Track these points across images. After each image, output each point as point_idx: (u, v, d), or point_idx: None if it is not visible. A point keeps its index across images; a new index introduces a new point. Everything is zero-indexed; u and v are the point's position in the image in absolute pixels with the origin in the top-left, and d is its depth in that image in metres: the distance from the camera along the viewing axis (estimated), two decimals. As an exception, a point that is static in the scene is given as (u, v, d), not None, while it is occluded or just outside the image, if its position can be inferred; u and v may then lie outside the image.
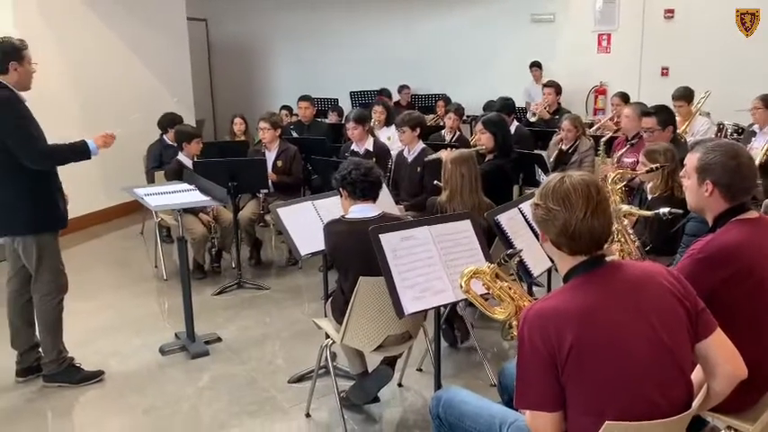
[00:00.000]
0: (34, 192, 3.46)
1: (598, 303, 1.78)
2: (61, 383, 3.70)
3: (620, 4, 8.99)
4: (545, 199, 1.84)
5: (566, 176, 1.85)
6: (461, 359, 4.02)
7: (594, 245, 1.84)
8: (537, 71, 8.98)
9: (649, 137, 4.56)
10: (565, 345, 1.72)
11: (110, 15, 7.54)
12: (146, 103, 7.44)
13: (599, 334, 1.74)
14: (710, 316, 1.90)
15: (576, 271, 1.86)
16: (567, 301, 1.80)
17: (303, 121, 7.18)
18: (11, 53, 3.46)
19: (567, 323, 1.74)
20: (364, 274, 2.91)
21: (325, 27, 10.65)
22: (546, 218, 1.84)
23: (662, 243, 3.60)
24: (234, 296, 5.17)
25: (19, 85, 3.48)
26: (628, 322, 1.77)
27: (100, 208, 7.29)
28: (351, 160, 3.23)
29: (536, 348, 1.75)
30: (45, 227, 3.54)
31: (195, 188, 4.15)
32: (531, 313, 1.80)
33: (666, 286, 1.85)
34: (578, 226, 1.79)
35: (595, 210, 1.80)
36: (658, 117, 4.56)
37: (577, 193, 1.80)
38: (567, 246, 1.84)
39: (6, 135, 3.36)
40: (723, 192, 2.28)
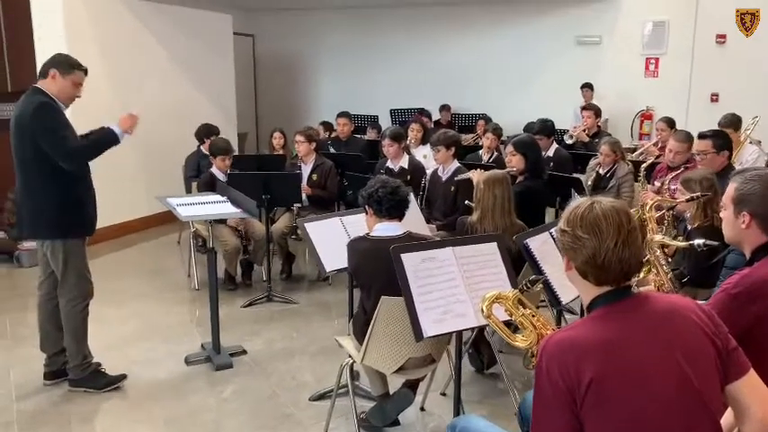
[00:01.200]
0: (63, 198, 3.52)
1: (622, 336, 1.69)
2: (87, 389, 3.74)
3: (669, 28, 8.82)
4: (573, 226, 1.75)
5: (595, 202, 1.76)
6: (487, 385, 3.92)
7: (623, 276, 1.74)
8: (588, 92, 8.85)
9: (702, 160, 4.35)
10: (584, 379, 1.62)
11: (159, 30, 7.74)
12: (188, 115, 7.58)
13: (621, 369, 1.64)
14: (743, 356, 1.78)
15: (601, 301, 1.77)
16: (589, 333, 1.70)
17: (341, 137, 7.20)
18: (58, 62, 3.56)
19: (588, 356, 1.64)
20: (387, 293, 2.85)
21: (368, 45, 10.74)
22: (573, 246, 1.75)
23: (701, 275, 3.45)
24: (262, 309, 5.17)
25: (57, 96, 3.55)
26: (652, 358, 1.67)
27: (139, 216, 7.43)
28: (378, 178, 3.19)
29: (554, 381, 1.66)
30: (72, 233, 3.59)
31: (227, 200, 4.17)
32: (550, 343, 1.71)
33: (696, 322, 1.74)
34: (608, 256, 1.69)
35: (626, 239, 1.71)
36: (714, 140, 4.33)
37: (608, 220, 1.71)
38: (593, 275, 1.74)
39: (41, 138, 3.43)
40: (761, 224, 2.17)
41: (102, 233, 6.69)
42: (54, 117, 3.48)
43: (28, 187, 3.57)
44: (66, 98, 3.59)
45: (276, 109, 11.40)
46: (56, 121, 3.49)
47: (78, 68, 3.59)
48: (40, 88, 3.54)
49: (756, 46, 8.21)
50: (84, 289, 3.70)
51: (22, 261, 6.09)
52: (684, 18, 8.64)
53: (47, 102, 3.49)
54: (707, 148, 4.28)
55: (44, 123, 3.44)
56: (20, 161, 3.56)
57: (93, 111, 6.71)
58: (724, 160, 4.31)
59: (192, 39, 8.23)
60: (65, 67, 3.55)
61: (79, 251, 3.66)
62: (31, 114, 3.44)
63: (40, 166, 3.49)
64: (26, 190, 3.58)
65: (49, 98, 3.51)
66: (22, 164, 3.55)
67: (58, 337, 3.80)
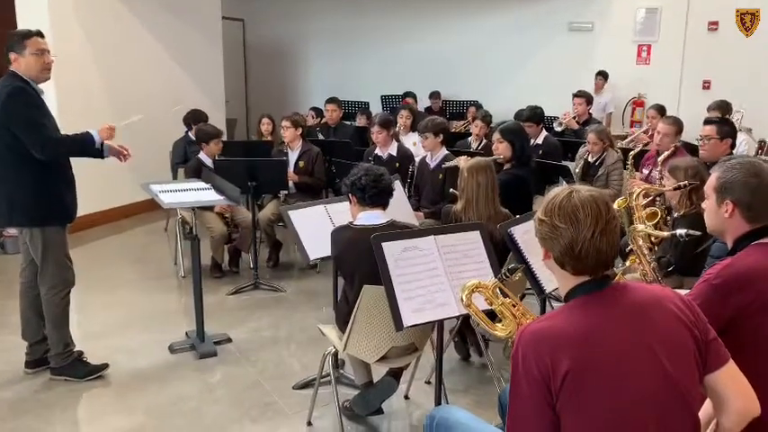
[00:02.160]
0: (40, 185, 3.45)
1: (599, 327, 1.66)
2: (68, 377, 3.71)
3: (661, 15, 8.76)
4: (550, 215, 1.72)
5: (573, 191, 1.73)
6: (472, 374, 3.91)
7: (601, 265, 1.72)
8: (600, 80, 8.75)
9: (704, 145, 4.33)
10: (560, 369, 1.60)
11: (145, 13, 7.63)
12: (178, 100, 7.49)
13: (597, 360, 1.62)
14: (722, 347, 1.76)
15: (578, 291, 1.74)
16: (566, 323, 1.68)
17: (330, 123, 7.14)
18: (11, 44, 3.45)
19: (564, 346, 1.62)
20: (369, 282, 2.82)
21: (359, 31, 10.64)
22: (551, 235, 1.72)
23: (687, 263, 3.43)
24: (249, 297, 5.13)
25: (28, 74, 3.45)
26: (629, 349, 1.64)
27: (126, 202, 7.37)
28: (362, 166, 3.15)
29: (529, 372, 1.64)
30: (50, 220, 3.53)
31: (211, 187, 4.12)
32: (525, 334, 1.69)
33: (674, 312, 1.72)
34: (585, 245, 1.67)
35: (604, 229, 1.68)
36: (720, 127, 4.30)
37: (585, 210, 1.68)
38: (571, 265, 1.72)
39: (14, 124, 3.35)
40: (744, 212, 2.14)
41: (88, 219, 6.65)
42: (27, 103, 3.39)
43: (4, 173, 3.48)
44: (38, 72, 3.47)
45: (266, 94, 11.31)
46: (29, 107, 3.39)
47: (28, 37, 3.45)
48: (14, 72, 3.45)
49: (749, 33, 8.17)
50: (64, 277, 3.65)
51: (7, 247, 6.03)
52: (677, 5, 8.57)
53: (20, 87, 3.39)
54: (711, 133, 4.24)
55: (17, 109, 3.36)
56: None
57: (81, 96, 6.66)
58: (726, 148, 4.28)
59: (180, 23, 8.12)
60: (18, 46, 3.43)
61: (59, 239, 3.59)
62: (4, 100, 3.36)
63: (15, 153, 3.40)
64: (2, 176, 3.50)
65: (24, 81, 3.42)
66: None
67: (40, 325, 3.76)
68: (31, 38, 3.46)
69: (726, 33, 8.34)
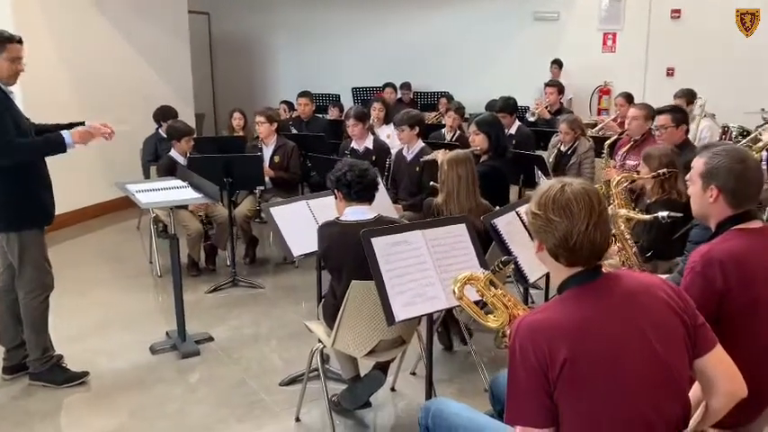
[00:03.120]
0: (15, 187, 3.37)
1: (593, 316, 1.71)
2: (45, 383, 3.64)
3: (625, 3, 8.91)
4: (545, 209, 1.75)
5: (566, 185, 1.76)
6: (456, 363, 3.95)
7: (594, 257, 1.76)
8: (556, 69, 8.85)
9: (661, 134, 4.46)
10: (558, 359, 1.64)
11: (110, 9, 7.46)
12: (144, 96, 7.37)
13: (593, 348, 1.67)
14: (710, 331, 1.83)
15: (572, 282, 1.78)
16: (561, 314, 1.72)
17: (302, 117, 7.10)
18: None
19: (561, 336, 1.66)
20: (357, 277, 2.83)
21: (328, 22, 10.57)
22: (546, 228, 1.75)
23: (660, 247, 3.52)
24: (228, 294, 5.10)
25: None
26: (623, 336, 1.70)
27: (97, 201, 7.23)
28: (346, 161, 3.15)
29: (528, 362, 1.68)
30: (26, 224, 3.44)
31: (188, 185, 4.07)
32: (522, 325, 1.72)
33: (664, 299, 1.77)
34: (580, 238, 1.71)
35: (598, 221, 1.72)
36: (673, 115, 4.46)
37: (579, 203, 1.72)
38: (565, 257, 1.76)
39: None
40: (728, 198, 2.20)
41: (59, 220, 6.38)
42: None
43: None
44: (7, 77, 3.38)
45: (234, 89, 11.16)
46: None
47: (10, 42, 3.35)
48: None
49: (710, 20, 8.34)
50: (42, 281, 3.57)
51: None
52: (640, -7, 8.73)
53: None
54: (666, 122, 4.40)
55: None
56: None
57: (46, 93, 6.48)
58: (682, 134, 4.43)
59: (145, 18, 7.96)
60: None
61: (36, 242, 3.51)
62: None
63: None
64: None
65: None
66: None
67: (18, 330, 3.68)
68: (12, 43, 3.36)
69: (688, 21, 8.51)
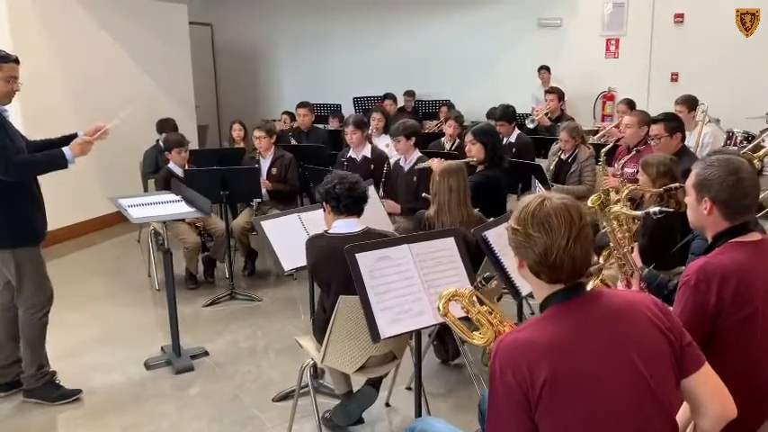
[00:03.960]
0: (8, 206, 3.36)
1: (575, 335, 1.66)
2: (39, 400, 3.62)
3: (628, 9, 8.84)
4: (524, 224, 1.70)
5: (545, 199, 1.72)
6: (452, 377, 3.90)
7: (576, 273, 1.71)
8: (545, 74, 8.78)
9: (656, 144, 4.41)
10: (538, 379, 1.59)
11: (110, 21, 7.49)
12: (146, 108, 7.36)
13: (575, 369, 1.61)
14: (697, 350, 1.77)
15: (553, 299, 1.73)
16: (542, 332, 1.66)
17: (302, 127, 7.08)
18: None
19: (542, 356, 1.61)
20: (346, 292, 2.79)
21: (330, 32, 10.57)
22: (525, 244, 1.70)
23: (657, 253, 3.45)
24: (225, 308, 5.07)
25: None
26: (606, 357, 1.64)
27: (98, 215, 7.22)
28: (336, 173, 3.11)
29: (507, 383, 1.62)
30: (21, 242, 3.44)
31: (181, 198, 4.05)
32: (502, 345, 1.67)
33: (650, 318, 1.72)
34: (560, 254, 1.66)
35: (578, 236, 1.67)
36: (666, 124, 4.40)
37: (559, 218, 1.67)
38: (546, 273, 1.71)
39: None
40: (722, 210, 2.15)
41: (59, 234, 6.51)
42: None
43: None
44: (2, 96, 3.38)
45: (238, 99, 11.18)
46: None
47: (5, 61, 3.35)
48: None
49: (714, 25, 8.27)
50: (42, 297, 3.56)
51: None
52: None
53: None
54: (660, 131, 4.35)
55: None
56: None
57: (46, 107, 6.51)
58: (678, 143, 4.37)
59: (146, 30, 7.99)
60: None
61: (32, 258, 3.50)
62: None
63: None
64: None
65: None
66: None
67: (14, 348, 3.67)
68: (9, 63, 3.36)
69: (691, 25, 8.44)
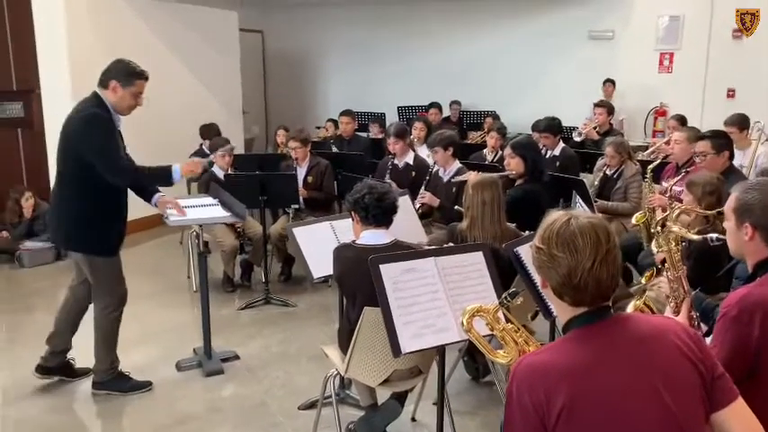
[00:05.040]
0: (99, 215, 3.49)
1: (597, 361, 1.57)
2: (111, 392, 3.72)
3: (684, 22, 8.58)
4: (548, 243, 1.62)
5: (572, 218, 1.64)
6: (481, 394, 3.81)
7: (600, 296, 1.62)
8: (610, 87, 8.62)
9: (701, 161, 4.24)
10: (555, 405, 1.51)
11: (162, 27, 7.67)
12: (195, 114, 7.51)
13: (595, 396, 1.53)
14: (730, 383, 1.66)
15: (576, 322, 1.64)
16: (562, 356, 1.58)
17: (344, 135, 7.10)
18: (119, 72, 3.47)
19: (560, 380, 1.53)
20: (371, 304, 2.74)
21: (379, 41, 10.60)
22: (549, 264, 1.62)
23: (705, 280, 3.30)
24: (259, 312, 5.09)
25: (115, 106, 3.49)
26: (629, 385, 1.55)
27: (143, 215, 7.35)
28: (366, 182, 3.07)
29: (524, 407, 1.55)
30: (97, 252, 3.56)
31: (218, 202, 4.09)
32: (521, 367, 1.60)
33: (678, 346, 1.61)
34: (584, 276, 1.57)
35: (604, 258, 1.58)
36: (713, 141, 4.22)
37: (585, 238, 1.59)
38: (569, 295, 1.62)
39: (84, 149, 3.37)
40: (764, 236, 2.03)
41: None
42: (102, 130, 3.39)
43: (61, 199, 3.55)
44: (125, 108, 3.53)
45: (286, 106, 11.32)
46: (103, 134, 3.40)
47: (139, 77, 3.50)
48: (99, 96, 3.46)
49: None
50: (118, 296, 3.69)
51: (24, 261, 6.08)
52: (700, 12, 8.39)
53: (96, 113, 3.40)
54: (706, 148, 4.17)
55: (90, 136, 3.37)
56: (59, 170, 3.54)
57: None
58: (725, 161, 4.18)
59: (197, 36, 8.15)
60: (126, 79, 3.47)
61: (111, 262, 3.63)
62: (77, 125, 3.39)
63: (77, 181, 3.45)
64: (59, 201, 3.56)
65: (103, 108, 3.44)
66: (60, 174, 3.54)
67: (68, 338, 3.81)
68: (141, 79, 3.52)
69: (751, 41, 8.14)
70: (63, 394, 3.78)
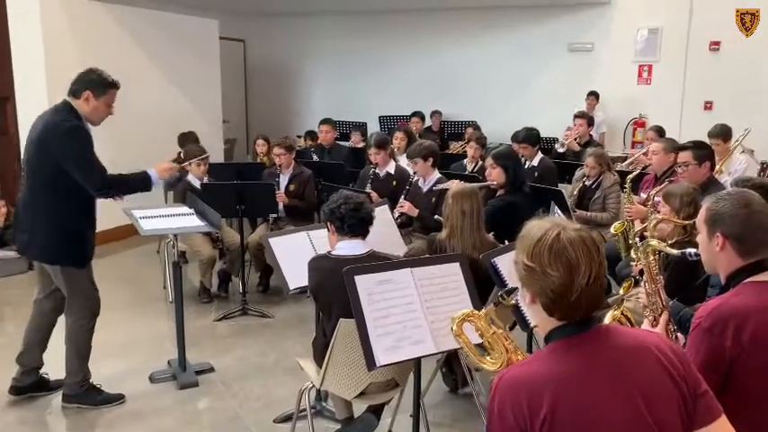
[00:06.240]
0: (71, 226, 3.43)
1: (579, 372, 1.53)
2: (81, 405, 3.64)
3: (662, 35, 8.68)
4: (539, 260, 1.54)
5: (561, 231, 1.55)
6: (459, 407, 3.77)
7: (591, 311, 1.57)
8: (592, 100, 8.68)
9: (683, 172, 4.24)
10: (538, 417, 1.47)
11: (141, 36, 7.60)
12: (174, 122, 7.43)
13: (577, 408, 1.49)
14: (713, 401, 1.62)
15: (559, 333, 1.59)
16: (544, 368, 1.54)
17: (324, 144, 7.06)
18: (93, 83, 3.43)
19: (542, 392, 1.49)
20: (347, 315, 2.70)
21: (360, 51, 10.61)
22: (542, 283, 1.54)
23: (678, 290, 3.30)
24: (236, 323, 5.02)
25: (86, 116, 3.44)
26: (609, 397, 1.51)
27: (119, 224, 7.25)
28: (342, 193, 3.04)
29: (505, 420, 1.51)
30: (78, 261, 3.49)
31: (194, 212, 4.03)
32: (503, 380, 1.55)
33: (660, 361, 1.57)
34: (579, 293, 1.51)
35: (598, 273, 1.53)
36: (695, 152, 4.22)
37: (578, 254, 1.52)
38: (561, 311, 1.57)
39: (68, 162, 3.32)
40: (735, 245, 2.02)
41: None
42: (84, 143, 3.36)
43: (35, 210, 3.45)
44: (97, 119, 3.49)
45: (267, 114, 11.26)
46: (88, 148, 3.37)
47: (113, 87, 3.47)
48: (72, 106, 3.40)
49: (750, 54, 8.07)
50: (91, 307, 3.62)
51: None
52: (678, 25, 8.50)
53: (79, 126, 3.36)
54: (687, 159, 4.17)
55: (76, 150, 3.32)
56: (31, 180, 3.45)
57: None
58: (706, 172, 4.18)
59: (177, 44, 8.09)
60: (99, 89, 3.43)
61: (84, 274, 3.55)
62: (62, 137, 3.32)
63: (52, 191, 3.38)
64: (33, 212, 3.46)
65: (80, 120, 3.39)
66: (33, 184, 3.44)
67: (39, 354, 3.72)
68: (114, 89, 3.49)
69: (728, 53, 8.25)
70: (33, 408, 3.68)
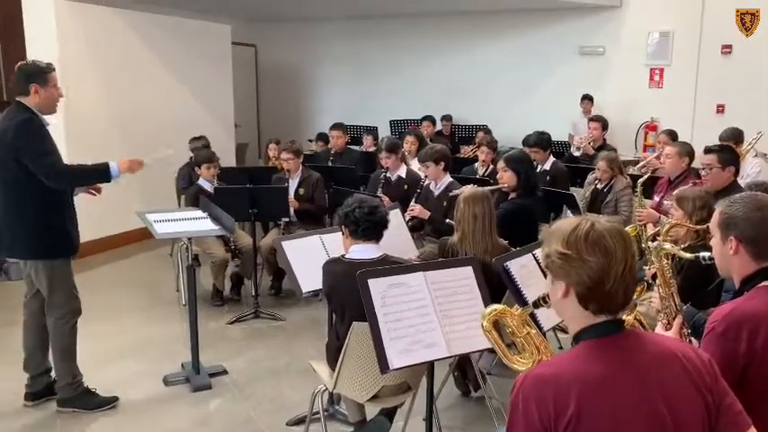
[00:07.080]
0: (44, 218, 3.44)
1: (609, 375, 1.51)
2: (76, 409, 3.65)
3: (674, 38, 8.65)
4: (575, 247, 1.54)
5: (595, 222, 1.57)
6: (471, 410, 3.77)
7: (623, 305, 1.57)
8: (588, 104, 8.66)
9: (707, 174, 4.21)
10: (564, 415, 1.46)
11: (154, 41, 7.66)
12: (187, 126, 7.48)
13: (601, 411, 1.47)
14: (741, 415, 1.60)
15: (590, 332, 1.58)
16: (572, 367, 1.53)
17: (335, 149, 7.09)
18: (34, 75, 3.46)
19: (570, 390, 1.47)
20: (360, 318, 2.72)
21: (371, 56, 10.65)
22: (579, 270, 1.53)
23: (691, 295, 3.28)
24: (248, 326, 5.05)
25: (41, 107, 3.47)
26: (635, 403, 1.50)
27: (133, 228, 7.32)
28: (356, 197, 3.06)
29: (529, 419, 1.49)
30: (55, 254, 3.50)
31: (207, 216, 4.06)
32: (528, 378, 1.53)
33: (687, 370, 1.56)
34: (616, 281, 1.52)
35: (632, 264, 1.54)
36: (720, 155, 4.18)
37: (615, 242, 1.53)
38: (596, 302, 1.55)
39: (23, 155, 3.35)
40: (749, 249, 2.01)
41: (95, 245, 6.63)
42: (38, 135, 3.40)
43: (8, 206, 3.48)
44: (52, 105, 3.52)
45: (278, 119, 11.32)
46: (40, 139, 3.40)
47: (51, 71, 3.50)
48: (23, 104, 3.44)
49: (763, 57, 8.03)
50: (72, 306, 3.62)
51: (10, 274, 6.00)
52: (690, 28, 8.47)
53: (29, 118, 3.40)
54: (712, 162, 4.13)
55: (28, 141, 3.36)
56: (2, 181, 3.48)
57: (89, 124, 6.69)
58: (730, 176, 4.14)
59: (189, 49, 8.14)
60: (41, 78, 3.46)
61: (65, 270, 3.57)
62: (15, 132, 3.36)
63: (21, 187, 3.40)
64: (6, 209, 3.49)
65: (33, 113, 3.43)
66: (3, 182, 3.47)
67: (43, 356, 3.72)
68: (52, 72, 3.50)
69: (740, 57, 8.21)
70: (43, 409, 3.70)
